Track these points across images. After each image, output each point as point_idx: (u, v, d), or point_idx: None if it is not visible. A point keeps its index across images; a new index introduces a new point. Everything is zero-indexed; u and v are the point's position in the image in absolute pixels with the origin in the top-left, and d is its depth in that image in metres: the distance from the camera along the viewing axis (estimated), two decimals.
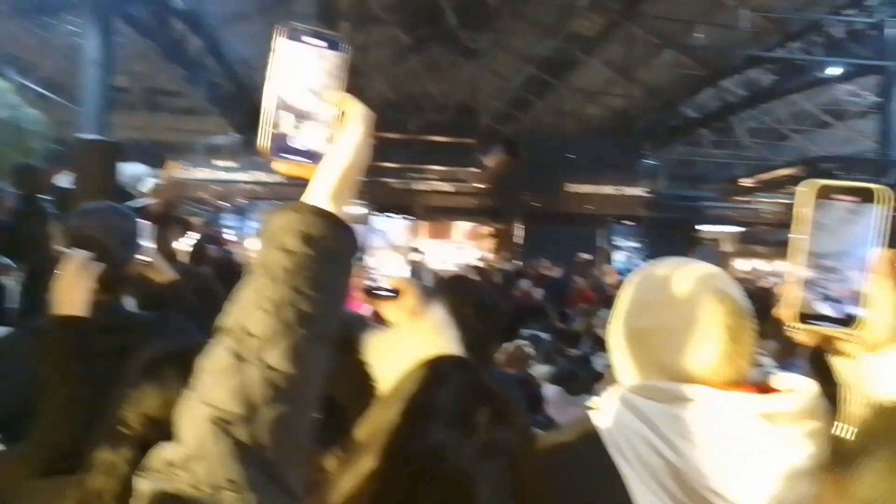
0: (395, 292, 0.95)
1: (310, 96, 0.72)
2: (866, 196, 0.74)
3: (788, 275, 0.75)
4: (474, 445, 0.72)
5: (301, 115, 0.71)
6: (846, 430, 0.73)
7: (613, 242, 14.70)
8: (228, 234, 14.75)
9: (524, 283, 8.18)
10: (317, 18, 12.45)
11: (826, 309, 0.74)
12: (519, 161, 13.22)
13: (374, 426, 0.77)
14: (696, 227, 16.29)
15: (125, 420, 1.13)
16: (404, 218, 0.98)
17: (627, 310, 1.00)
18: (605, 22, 13.48)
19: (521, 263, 11.67)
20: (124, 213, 1.79)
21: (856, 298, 0.73)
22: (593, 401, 1.02)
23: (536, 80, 16.46)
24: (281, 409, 0.59)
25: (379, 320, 1.01)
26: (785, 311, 0.75)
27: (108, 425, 1.13)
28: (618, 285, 1.20)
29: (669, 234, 14.82)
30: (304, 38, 0.72)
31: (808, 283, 0.74)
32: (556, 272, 9.17)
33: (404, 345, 0.93)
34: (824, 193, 0.75)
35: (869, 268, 0.73)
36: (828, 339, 0.77)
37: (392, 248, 0.97)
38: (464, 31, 13.38)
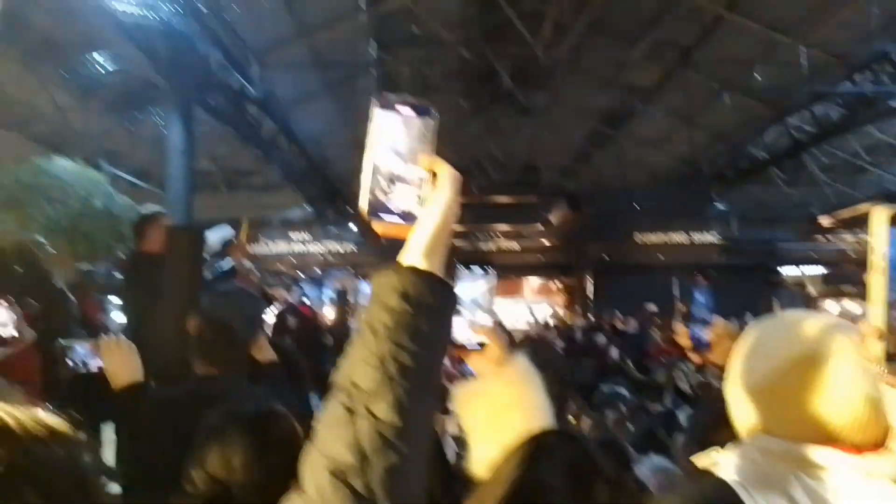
0: (481, 344, 0.97)
1: (402, 161, 0.77)
2: None
3: (870, 317, 0.74)
4: None
5: (395, 179, 0.76)
6: None
7: (686, 299, 13.97)
8: (307, 304, 15.21)
9: (600, 338, 8.07)
10: (380, 93, 13.03)
11: None
12: (583, 215, 13.18)
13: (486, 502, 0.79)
14: (776, 270, 15.66)
15: (192, 480, 1.23)
16: (483, 271, 1.01)
17: (750, 363, 0.95)
18: (662, 71, 13.55)
19: (594, 318, 11.50)
20: (252, 296, 1.93)
21: None
22: (710, 454, 0.98)
23: (596, 133, 16.55)
24: (391, 459, 0.62)
25: (466, 370, 1.04)
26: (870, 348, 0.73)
27: (181, 485, 1.22)
28: (692, 347, 1.18)
29: (748, 280, 14.31)
30: (397, 106, 0.78)
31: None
32: (631, 325, 9.00)
33: (491, 394, 0.94)
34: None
35: None
36: None
37: (474, 301, 1.01)
38: (520, 92, 13.69)
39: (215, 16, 10.34)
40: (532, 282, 19.71)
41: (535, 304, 17.52)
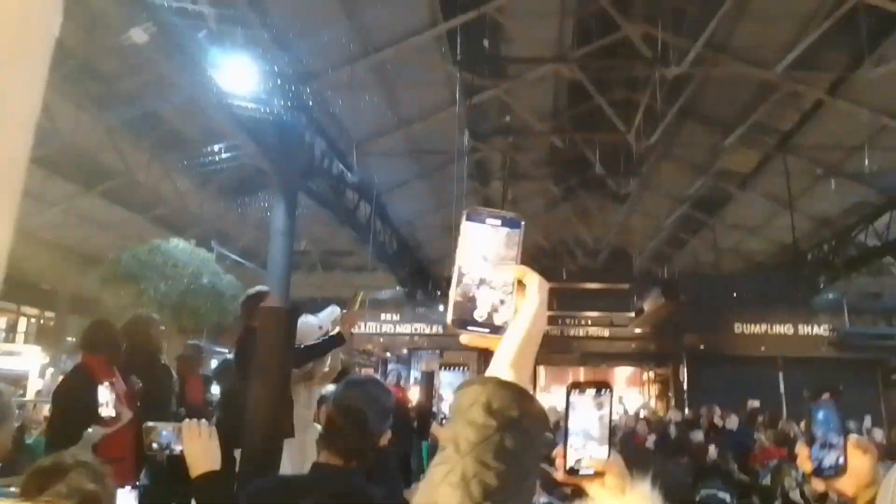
0: (597, 472, 0.93)
1: (490, 271, 0.75)
2: None
3: None
4: None
5: (481, 289, 0.74)
6: None
7: (807, 414, 12.78)
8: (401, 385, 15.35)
9: (697, 435, 7.60)
10: (471, 179, 13.41)
11: None
12: (678, 303, 12.76)
13: None
14: (894, 366, 14.43)
15: None
16: (598, 391, 0.94)
17: None
18: (759, 156, 13.25)
19: (690, 412, 10.91)
20: (384, 388, 1.95)
21: None
22: None
23: (689, 219, 16.22)
24: None
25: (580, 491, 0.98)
26: None
27: None
28: (812, 471, 1.04)
29: (862, 377, 13.25)
30: (485, 218, 0.76)
31: None
32: (732, 422, 8.44)
33: None
34: None
35: None
36: None
37: (586, 432, 0.95)
38: (611, 178, 13.73)
39: (321, 109, 11.14)
40: (622, 371, 19.05)
41: (624, 395, 16.85)
